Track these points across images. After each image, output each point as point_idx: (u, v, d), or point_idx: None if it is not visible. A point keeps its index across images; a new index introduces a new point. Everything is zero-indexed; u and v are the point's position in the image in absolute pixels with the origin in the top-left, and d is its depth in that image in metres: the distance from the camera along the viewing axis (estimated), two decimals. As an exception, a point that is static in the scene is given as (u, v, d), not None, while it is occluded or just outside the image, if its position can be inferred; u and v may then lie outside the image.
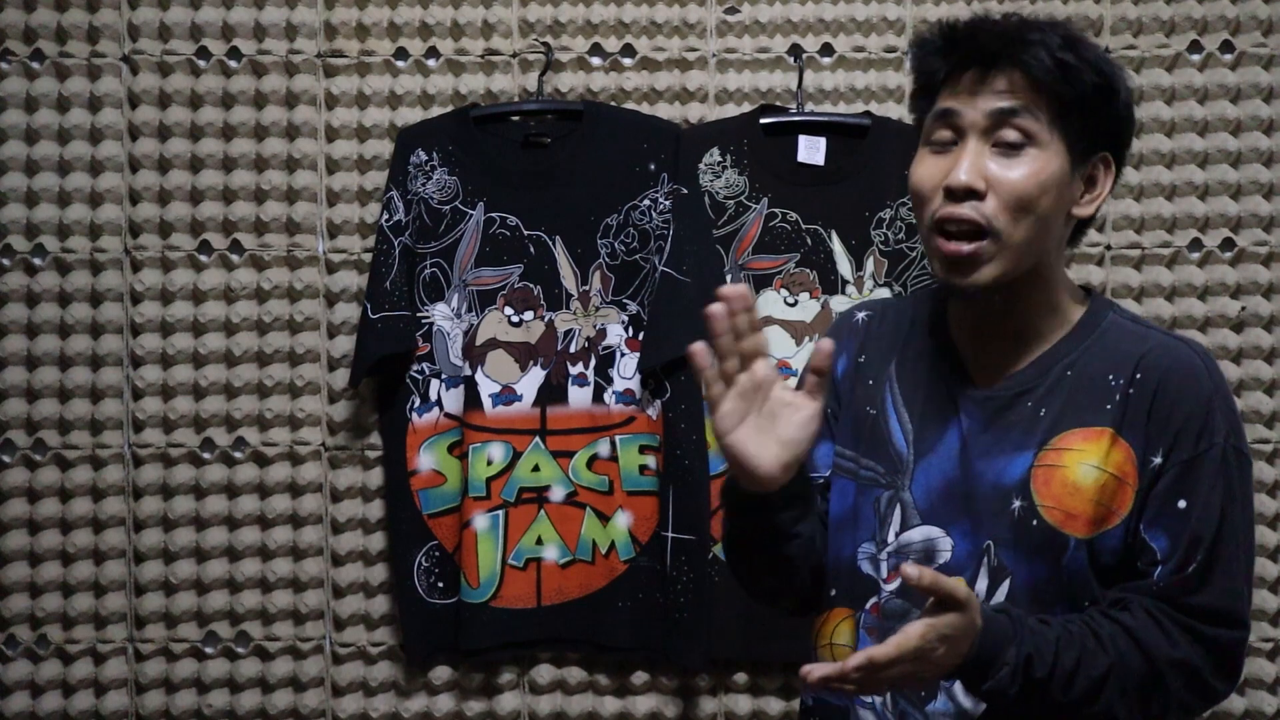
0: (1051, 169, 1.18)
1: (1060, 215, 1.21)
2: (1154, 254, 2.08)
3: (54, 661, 2.06)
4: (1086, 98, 1.18)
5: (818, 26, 2.09)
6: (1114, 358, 1.22)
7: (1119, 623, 1.17)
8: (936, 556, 1.26)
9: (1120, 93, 1.21)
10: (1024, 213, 1.18)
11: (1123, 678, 1.15)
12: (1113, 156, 1.23)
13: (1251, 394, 2.06)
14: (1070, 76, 1.18)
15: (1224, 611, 1.17)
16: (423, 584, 1.99)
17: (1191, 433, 1.18)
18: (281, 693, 2.07)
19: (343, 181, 2.07)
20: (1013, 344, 1.26)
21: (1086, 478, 1.20)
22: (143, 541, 2.06)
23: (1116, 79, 1.21)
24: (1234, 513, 1.18)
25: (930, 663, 1.11)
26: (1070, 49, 1.18)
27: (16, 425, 2.06)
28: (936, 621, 1.10)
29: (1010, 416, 1.24)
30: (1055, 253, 1.24)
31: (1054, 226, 1.21)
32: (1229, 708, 2.04)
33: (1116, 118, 1.22)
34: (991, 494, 1.23)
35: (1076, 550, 1.20)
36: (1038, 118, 1.18)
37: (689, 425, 1.98)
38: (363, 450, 2.06)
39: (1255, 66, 2.08)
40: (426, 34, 2.08)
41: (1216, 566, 1.17)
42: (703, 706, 2.05)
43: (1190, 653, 1.17)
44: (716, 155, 2.02)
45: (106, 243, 2.07)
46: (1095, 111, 1.20)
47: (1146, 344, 1.22)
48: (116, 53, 2.08)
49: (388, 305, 1.97)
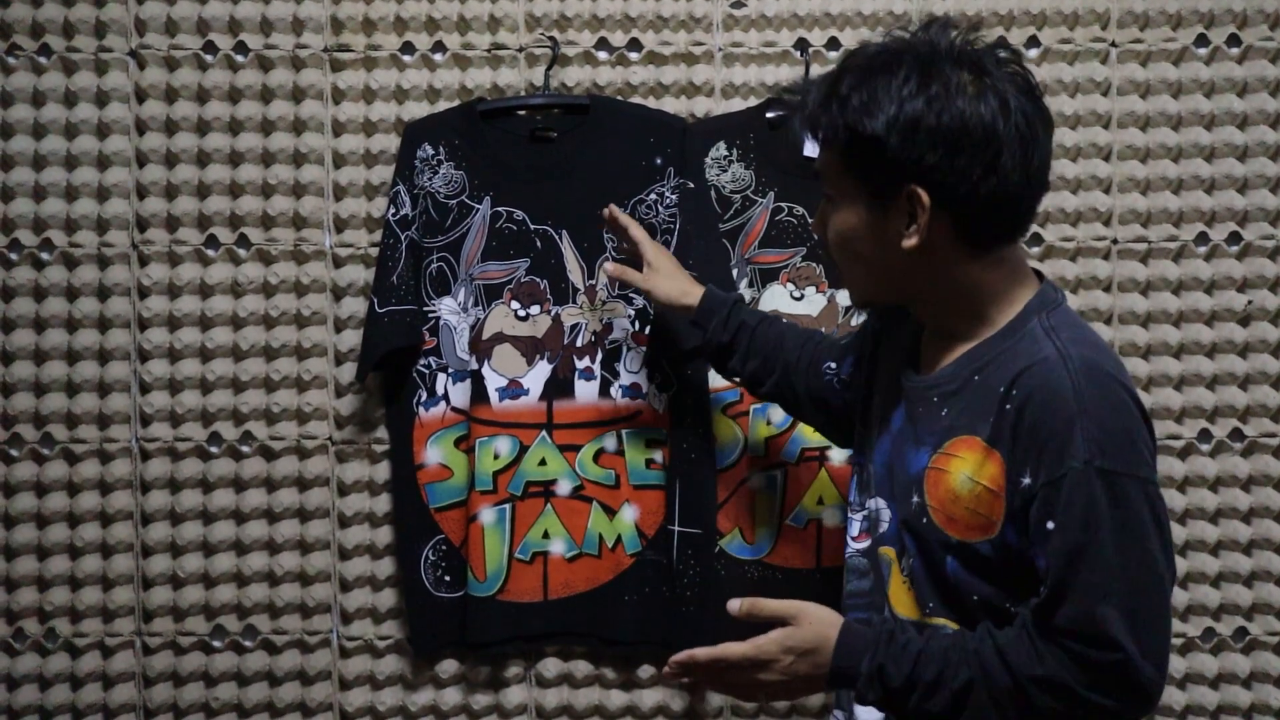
0: (851, 220, 1.28)
1: (891, 250, 1.26)
2: (1160, 248, 2.07)
3: (62, 655, 2.07)
4: (850, 147, 1.24)
5: (824, 21, 2.09)
6: (1011, 369, 1.24)
7: (992, 638, 1.22)
8: (879, 525, 1.39)
9: (876, 132, 1.21)
10: (844, 254, 1.31)
11: (988, 690, 1.20)
12: (926, 186, 1.22)
13: (1258, 388, 2.06)
14: (826, 136, 1.26)
15: (1085, 633, 1.18)
16: (429, 578, 2.00)
17: (1053, 454, 1.18)
18: (289, 686, 2.07)
19: (349, 176, 2.07)
20: (944, 341, 1.33)
21: (963, 487, 1.25)
22: (150, 535, 2.07)
23: (867, 122, 1.22)
24: (1101, 536, 1.16)
25: (784, 672, 1.26)
26: (827, 104, 1.25)
27: (24, 419, 2.06)
28: (774, 634, 1.26)
29: (924, 410, 1.32)
30: (943, 270, 1.27)
31: (893, 259, 1.26)
32: (1234, 701, 2.04)
33: (890, 157, 1.22)
34: (904, 481, 1.33)
35: (960, 550, 1.26)
36: (833, 174, 1.29)
37: (695, 419, 1.98)
38: (370, 444, 2.07)
39: (1262, 60, 2.08)
40: (433, 28, 2.08)
41: (1073, 589, 1.17)
42: (710, 700, 2.05)
43: (1057, 670, 1.19)
44: (723, 149, 2.02)
45: (113, 237, 2.07)
46: (866, 157, 1.24)
47: (1033, 358, 1.23)
48: (123, 47, 2.08)
49: (394, 300, 1.97)
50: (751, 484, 2.00)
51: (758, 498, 2.00)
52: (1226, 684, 2.06)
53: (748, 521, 1.99)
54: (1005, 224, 1.26)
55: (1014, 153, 1.22)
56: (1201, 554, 2.06)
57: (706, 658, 1.28)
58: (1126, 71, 2.08)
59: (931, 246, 1.25)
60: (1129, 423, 1.20)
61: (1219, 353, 2.07)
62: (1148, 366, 2.06)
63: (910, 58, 1.24)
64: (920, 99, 1.21)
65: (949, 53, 1.25)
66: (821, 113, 1.26)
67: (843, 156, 1.26)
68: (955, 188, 1.22)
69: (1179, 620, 2.05)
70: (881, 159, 1.22)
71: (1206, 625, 2.06)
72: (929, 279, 1.28)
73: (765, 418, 1.99)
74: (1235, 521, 2.06)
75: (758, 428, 1.99)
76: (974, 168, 1.21)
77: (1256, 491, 2.06)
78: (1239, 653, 2.06)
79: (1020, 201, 1.25)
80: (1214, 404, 2.06)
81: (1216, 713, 2.05)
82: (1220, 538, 2.05)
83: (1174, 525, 2.05)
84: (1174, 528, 2.05)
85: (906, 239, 1.24)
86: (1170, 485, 2.06)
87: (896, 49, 1.26)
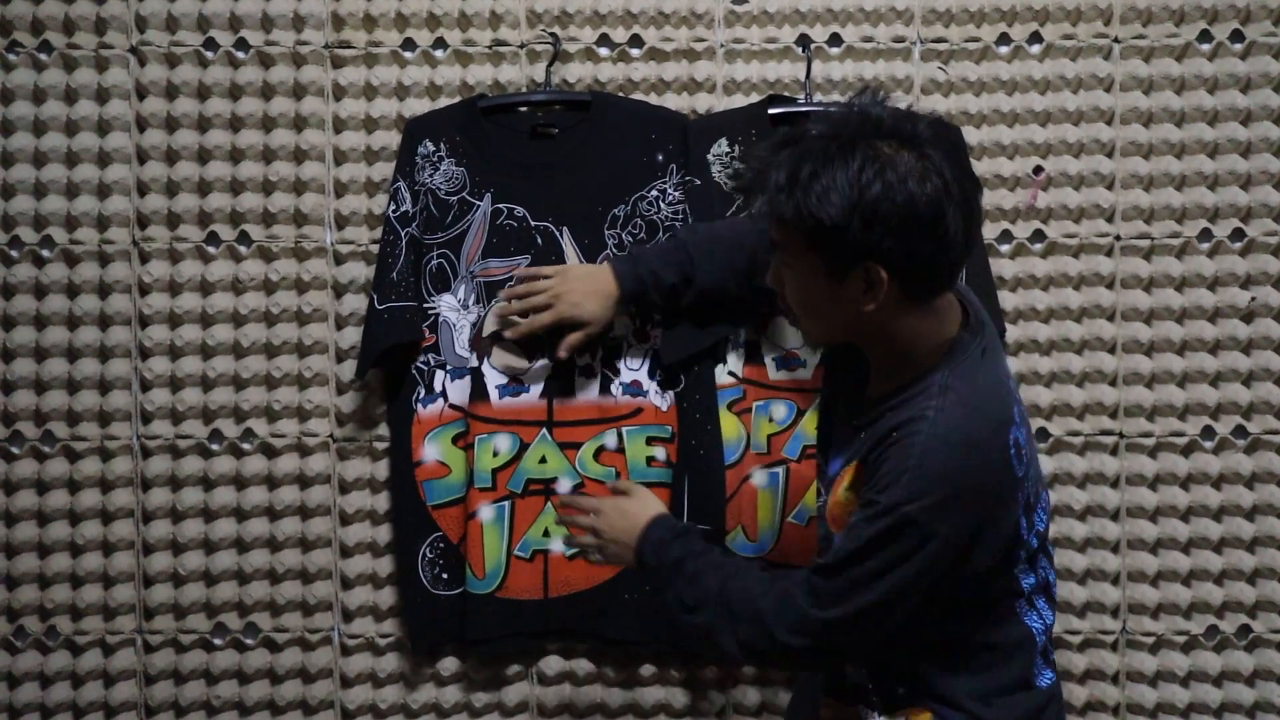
0: (809, 287, 1.39)
1: (847, 310, 1.38)
2: (1163, 244, 2.07)
3: (63, 652, 2.07)
4: (811, 232, 1.33)
5: (825, 16, 2.09)
6: (901, 416, 1.39)
7: (755, 569, 1.49)
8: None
9: (838, 221, 1.30)
10: (801, 309, 1.44)
11: (725, 602, 1.44)
12: (882, 262, 1.32)
13: (1262, 384, 2.06)
14: (788, 221, 1.34)
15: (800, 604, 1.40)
16: (427, 575, 1.99)
17: (880, 486, 1.36)
18: (290, 684, 2.07)
19: (350, 173, 2.06)
20: (881, 375, 1.47)
21: (844, 496, 1.47)
22: (151, 533, 2.06)
23: (829, 211, 1.30)
24: (864, 556, 1.36)
25: (610, 536, 1.60)
26: (790, 191, 1.33)
27: (25, 417, 2.06)
28: (615, 497, 1.64)
29: (849, 429, 1.50)
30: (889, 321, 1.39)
31: (847, 315, 1.39)
32: (1238, 698, 2.04)
33: (850, 240, 1.31)
34: (827, 479, 1.56)
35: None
36: (792, 249, 1.38)
37: (704, 415, 1.98)
38: (371, 442, 2.06)
39: (1265, 56, 2.08)
40: (434, 25, 2.08)
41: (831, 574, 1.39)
42: (711, 699, 2.05)
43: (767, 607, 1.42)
44: (725, 146, 2.01)
45: (114, 234, 2.07)
46: (826, 240, 1.32)
47: (914, 414, 1.37)
48: (124, 44, 2.08)
49: (394, 296, 1.97)
50: (754, 481, 1.99)
51: (760, 495, 1.99)
52: (1230, 681, 2.05)
53: (750, 519, 1.99)
54: (945, 279, 1.39)
55: (956, 223, 1.33)
56: (1205, 551, 2.05)
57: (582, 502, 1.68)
58: (1129, 67, 2.08)
59: (882, 305, 1.37)
60: (951, 487, 1.33)
61: (1222, 349, 2.07)
62: (1151, 363, 2.06)
63: (862, 143, 1.32)
64: (877, 184, 1.30)
65: (893, 131, 1.34)
66: (784, 199, 1.34)
67: (803, 238, 1.35)
68: (908, 261, 1.33)
69: (1182, 618, 2.05)
70: (842, 242, 1.32)
71: (1210, 623, 2.06)
72: (877, 328, 1.41)
73: (767, 415, 1.99)
74: (1238, 519, 2.05)
75: (760, 425, 1.99)
76: (925, 244, 1.32)
77: (1260, 488, 2.06)
78: (1242, 650, 2.06)
79: (960, 259, 1.37)
80: (1217, 401, 2.05)
81: (1220, 710, 2.05)
82: (1224, 535, 2.05)
83: (1176, 522, 2.05)
84: (1176, 525, 2.05)
85: (864, 304, 1.37)
86: (1173, 482, 2.05)
87: (848, 133, 1.33)
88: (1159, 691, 2.05)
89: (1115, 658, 2.06)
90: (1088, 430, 2.07)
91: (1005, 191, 2.07)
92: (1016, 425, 1.40)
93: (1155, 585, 2.06)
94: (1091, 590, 2.06)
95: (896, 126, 1.34)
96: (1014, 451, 1.38)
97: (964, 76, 2.08)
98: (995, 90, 2.08)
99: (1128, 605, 2.06)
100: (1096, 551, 2.06)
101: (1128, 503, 2.06)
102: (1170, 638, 2.06)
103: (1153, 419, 2.06)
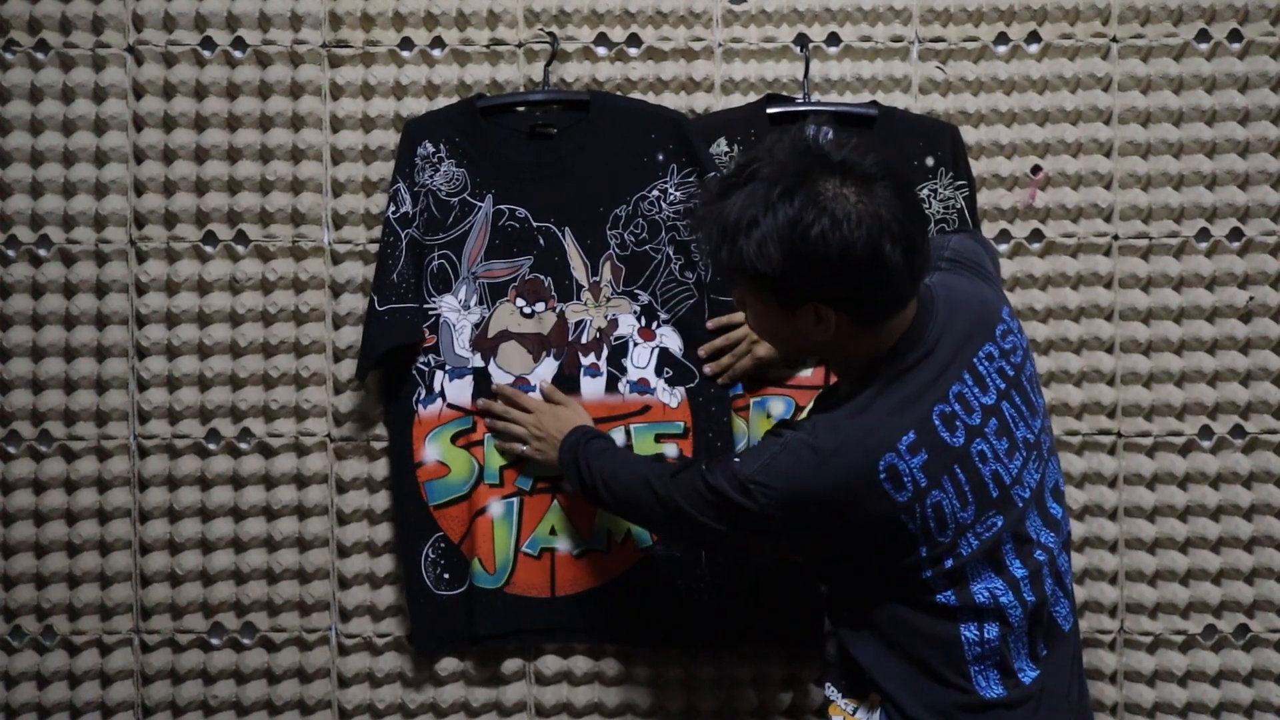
0: (766, 319, 1.46)
1: (805, 337, 1.44)
2: (1161, 244, 2.07)
3: (60, 652, 2.06)
4: (753, 280, 1.38)
5: (824, 16, 2.09)
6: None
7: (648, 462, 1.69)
8: None
9: (775, 273, 1.35)
10: (764, 336, 1.52)
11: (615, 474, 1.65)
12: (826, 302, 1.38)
13: (1259, 384, 2.06)
14: (731, 273, 1.41)
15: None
16: (430, 576, 1.99)
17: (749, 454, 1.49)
18: (287, 684, 2.07)
19: (348, 172, 2.06)
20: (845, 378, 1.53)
21: None
22: (148, 533, 2.06)
23: (764, 265, 1.35)
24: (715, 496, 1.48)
25: (541, 434, 1.87)
26: (731, 246, 1.37)
27: (22, 417, 2.06)
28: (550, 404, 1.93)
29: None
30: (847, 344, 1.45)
31: (807, 342, 1.45)
32: (1236, 698, 2.04)
33: (791, 286, 1.37)
34: None
35: None
36: (742, 290, 1.46)
37: (719, 408, 1.98)
38: (368, 441, 2.06)
39: (1264, 55, 2.08)
40: (431, 24, 2.08)
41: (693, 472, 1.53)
42: (709, 699, 2.05)
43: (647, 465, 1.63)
44: (724, 145, 2.01)
45: (111, 234, 2.07)
46: (769, 286, 1.38)
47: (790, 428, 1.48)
48: (121, 43, 2.07)
49: (395, 297, 1.96)
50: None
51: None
52: (1228, 681, 2.06)
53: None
54: (893, 307, 1.41)
55: (897, 259, 1.34)
56: (1203, 550, 2.06)
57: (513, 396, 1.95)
58: (1127, 67, 2.08)
59: (836, 333, 1.42)
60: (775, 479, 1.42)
61: (1220, 349, 2.07)
62: (1149, 363, 2.06)
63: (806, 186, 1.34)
64: (815, 228, 1.32)
65: (839, 167, 1.35)
66: (726, 251, 1.38)
67: (748, 283, 1.40)
68: (852, 299, 1.38)
69: (1180, 617, 2.05)
70: (785, 287, 1.37)
71: (1208, 622, 2.06)
72: (836, 349, 1.47)
73: (765, 411, 1.99)
74: (1236, 518, 2.06)
75: (758, 421, 1.99)
76: (865, 283, 1.36)
77: (1258, 488, 2.06)
78: (1240, 650, 2.06)
79: (906, 288, 1.40)
80: (1215, 400, 2.06)
81: (1218, 710, 2.05)
82: (1221, 534, 2.05)
83: (1174, 522, 2.05)
84: (1174, 524, 2.05)
85: (818, 335, 1.42)
86: (1171, 482, 2.06)
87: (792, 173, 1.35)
88: (1157, 691, 2.05)
89: (1113, 657, 2.06)
90: (1085, 430, 2.07)
91: (1003, 191, 2.07)
92: (899, 455, 1.40)
93: (1153, 585, 2.06)
94: (1089, 590, 2.06)
95: (844, 162, 1.36)
96: (885, 477, 1.39)
97: (962, 76, 2.08)
98: (993, 90, 2.09)
99: (1125, 605, 2.06)
100: (1094, 551, 2.07)
101: (1125, 502, 2.07)
102: (1168, 637, 2.06)
103: (1151, 418, 2.07)
